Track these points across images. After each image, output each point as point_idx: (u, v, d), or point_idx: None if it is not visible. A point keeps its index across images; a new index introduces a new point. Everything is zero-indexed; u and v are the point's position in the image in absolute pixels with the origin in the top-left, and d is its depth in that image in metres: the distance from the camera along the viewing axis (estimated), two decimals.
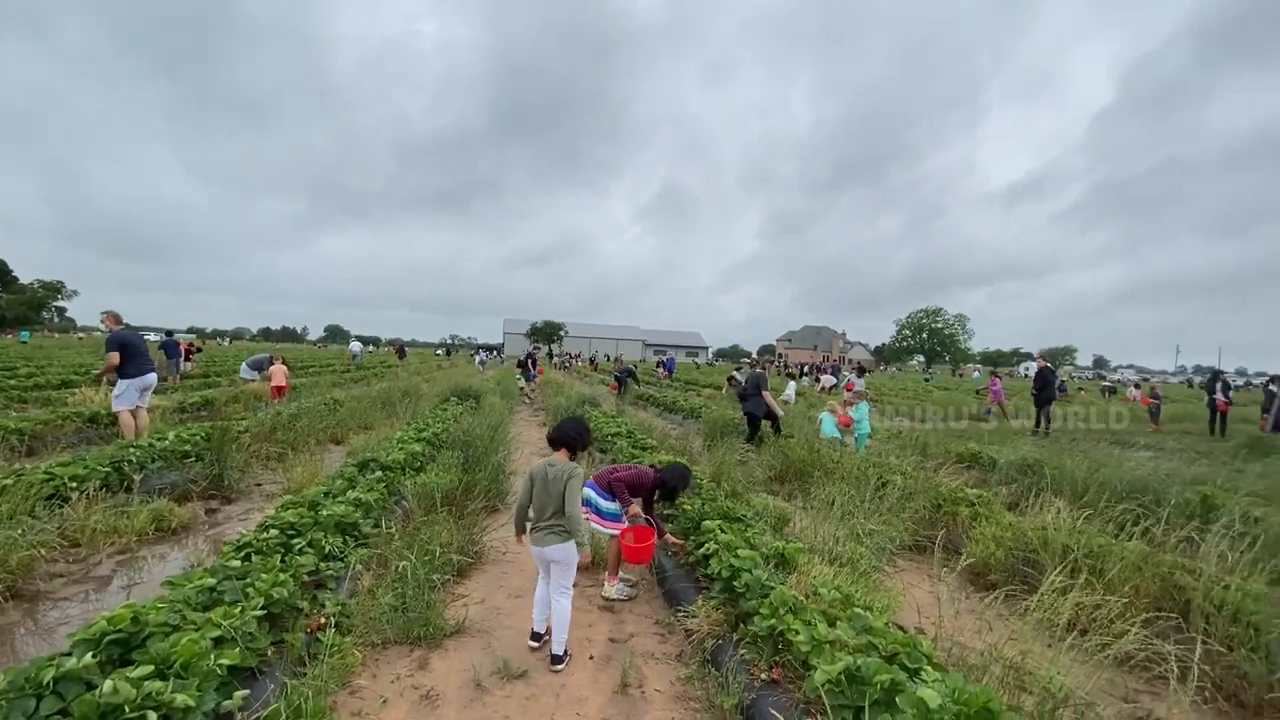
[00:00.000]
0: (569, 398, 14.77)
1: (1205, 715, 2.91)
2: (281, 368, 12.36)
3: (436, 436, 8.18)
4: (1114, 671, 2.80)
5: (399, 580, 3.79)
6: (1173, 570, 3.84)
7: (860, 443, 8.98)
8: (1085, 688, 2.53)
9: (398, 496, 5.48)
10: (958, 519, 5.39)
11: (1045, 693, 2.54)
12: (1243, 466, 9.37)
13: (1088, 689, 2.52)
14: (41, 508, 4.69)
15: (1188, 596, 3.57)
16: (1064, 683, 2.52)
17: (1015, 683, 2.71)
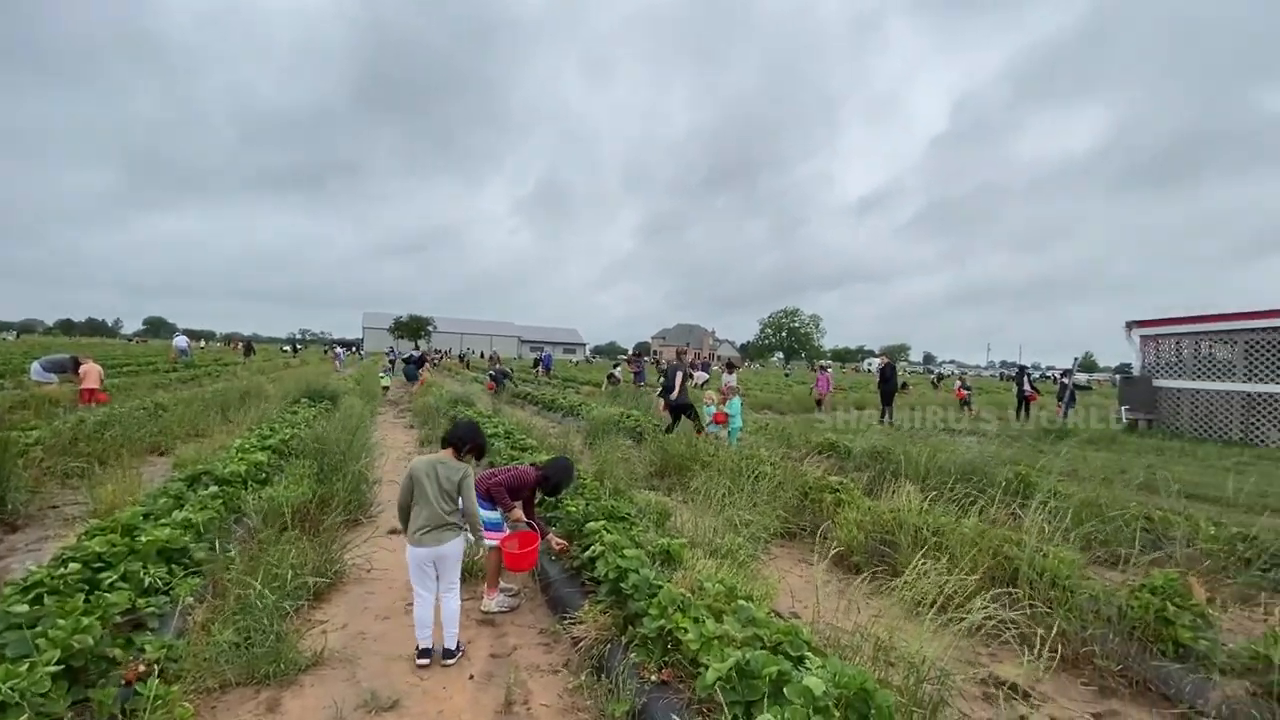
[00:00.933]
0: (439, 397, 14.00)
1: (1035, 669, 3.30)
2: (95, 368, 10.49)
3: (285, 444, 7.33)
4: (967, 641, 3.11)
5: (241, 611, 3.30)
6: (1002, 543, 4.35)
7: (734, 436, 9.35)
8: (943, 658, 2.76)
9: (238, 514, 4.81)
10: (823, 506, 5.76)
11: (910, 666, 2.74)
12: (1045, 448, 11.01)
13: (945, 659, 2.76)
14: None
15: (1016, 566, 4.05)
16: (926, 656, 2.73)
17: (884, 659, 2.90)
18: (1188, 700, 3.17)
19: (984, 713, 3.06)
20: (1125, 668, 3.40)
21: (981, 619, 2.98)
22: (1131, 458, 10.78)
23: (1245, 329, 14.13)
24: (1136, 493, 6.04)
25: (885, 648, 2.93)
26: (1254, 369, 13.95)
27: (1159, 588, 3.66)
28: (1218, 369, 14.73)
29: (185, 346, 29.55)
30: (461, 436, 3.62)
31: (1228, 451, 12.19)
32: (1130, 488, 6.13)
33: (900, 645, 2.94)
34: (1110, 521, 5.24)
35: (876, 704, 2.33)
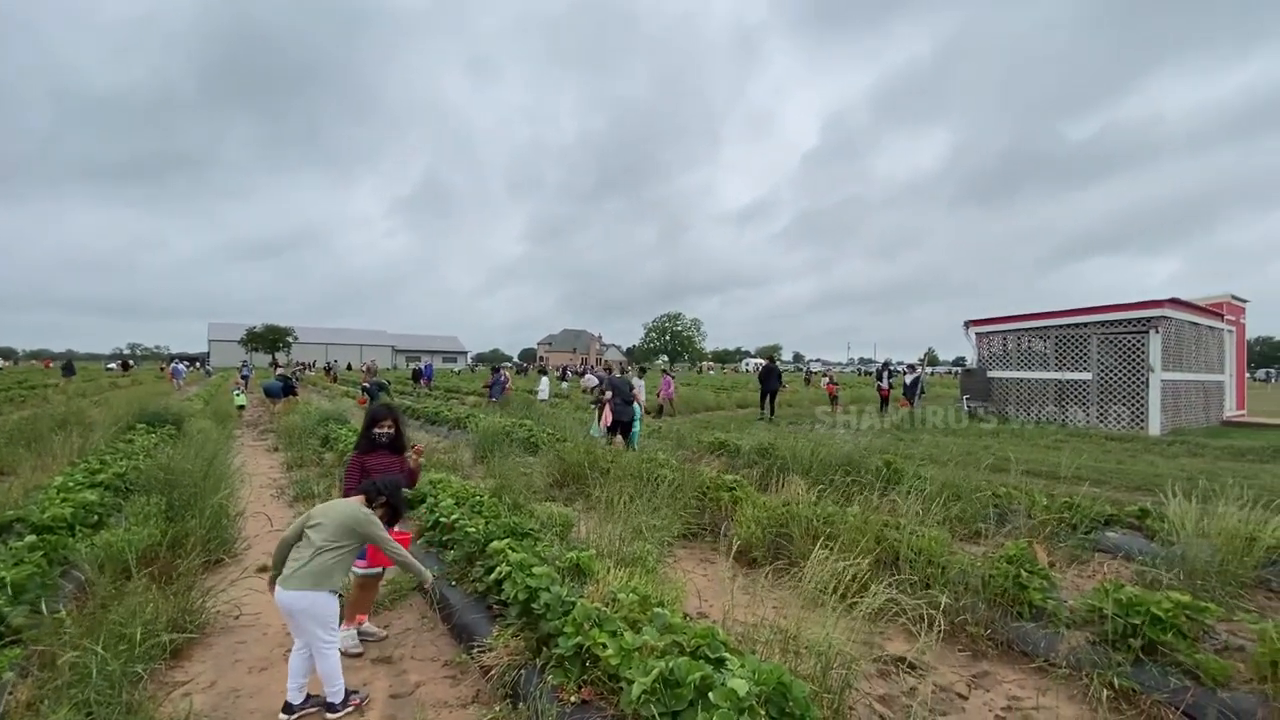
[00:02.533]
0: (306, 415, 12.83)
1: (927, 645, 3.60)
2: None
3: (121, 478, 6.35)
4: (862, 623, 3.33)
5: (79, 683, 2.79)
6: (883, 528, 4.73)
7: (634, 440, 9.41)
8: (845, 644, 2.93)
9: (66, 566, 4.08)
10: (721, 504, 5.94)
11: (817, 655, 2.88)
12: (904, 437, 12.17)
13: (847, 644, 2.93)
14: None
15: (897, 548, 4.42)
16: (831, 643, 2.89)
17: (793, 650, 3.02)
18: (1043, 655, 3.61)
19: (882, 688, 3.29)
20: (992, 631, 3.82)
21: (882, 603, 3.20)
22: (974, 440, 12.23)
23: (1055, 325, 16.56)
24: (987, 473, 6.83)
25: (793, 639, 3.06)
26: (1062, 359, 16.37)
27: (1013, 557, 4.15)
28: (1035, 360, 17.11)
29: None
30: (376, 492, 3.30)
31: (1046, 431, 14.21)
32: (981, 469, 6.92)
33: (806, 635, 3.09)
34: (967, 500, 5.87)
35: (793, 696, 2.42)
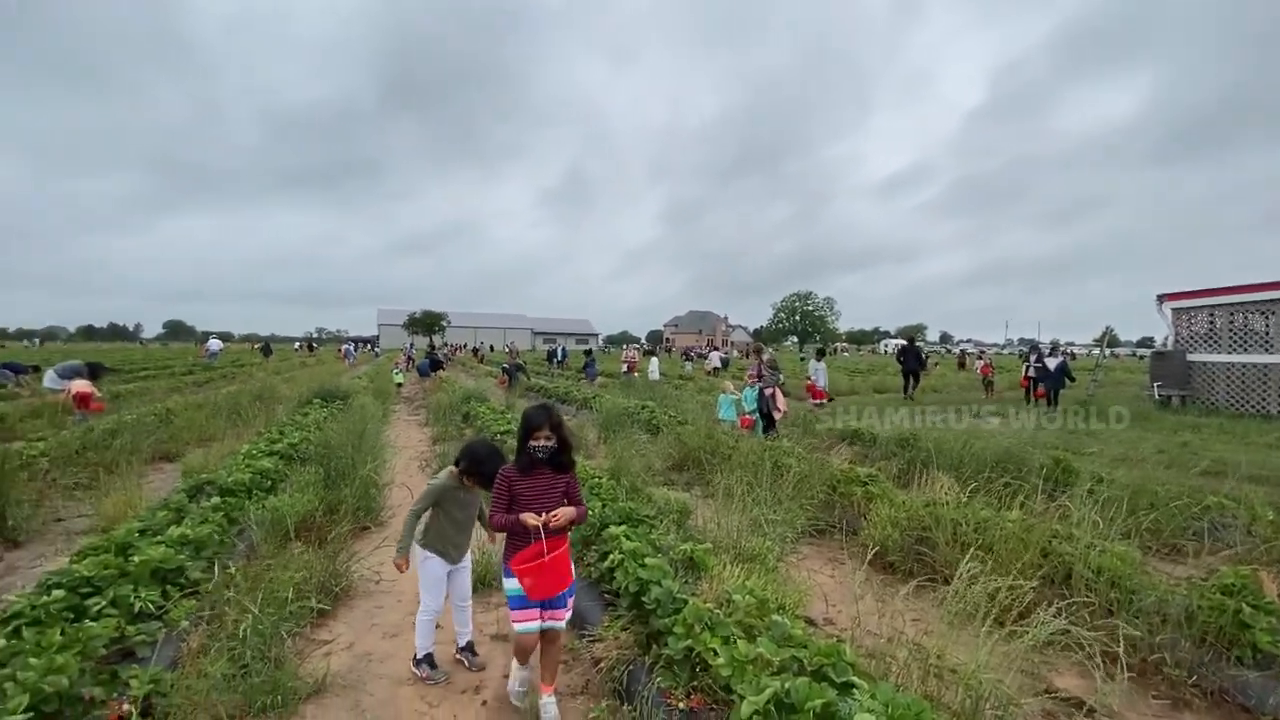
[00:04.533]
0: (452, 393, 13.83)
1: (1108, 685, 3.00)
2: (84, 383, 10.37)
3: (294, 448, 7.16)
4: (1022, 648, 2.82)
5: (238, 637, 3.09)
6: (1051, 539, 4.03)
7: (758, 426, 9.05)
8: (1005, 680, 2.47)
9: (241, 527, 4.62)
10: (852, 500, 5.46)
11: (966, 687, 2.45)
12: (1075, 430, 10.59)
13: (1007, 681, 2.47)
14: None
15: (1069, 565, 3.74)
16: (985, 678, 2.44)
17: (935, 675, 2.62)
18: (1270, 713, 2.87)
19: None
20: (1199, 677, 3.09)
21: (1050, 634, 2.67)
22: (1168, 435, 10.34)
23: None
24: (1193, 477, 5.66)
25: (936, 663, 2.65)
26: None
27: (1230, 587, 3.34)
28: (1254, 341, 14.13)
29: (216, 350, 30.18)
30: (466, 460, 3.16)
31: (1268, 427, 11.67)
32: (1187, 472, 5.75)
33: (952, 659, 2.66)
34: (1164, 510, 4.88)
35: None
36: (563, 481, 2.78)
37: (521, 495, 2.70)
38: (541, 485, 2.73)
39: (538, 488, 2.71)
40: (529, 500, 2.68)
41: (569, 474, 2.80)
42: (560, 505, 2.72)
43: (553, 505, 2.68)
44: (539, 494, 2.71)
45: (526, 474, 2.71)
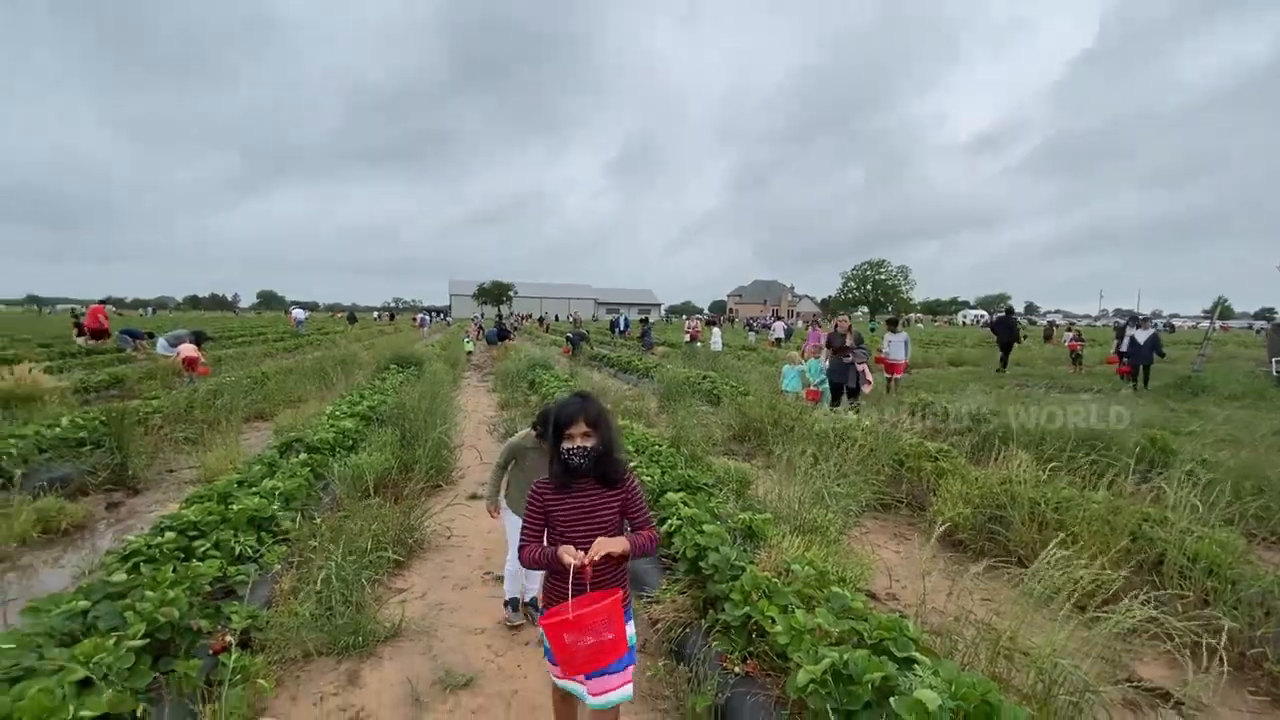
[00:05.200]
0: (518, 361, 14.21)
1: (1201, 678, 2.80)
2: (190, 348, 11.28)
3: (373, 410, 7.57)
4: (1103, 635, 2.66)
5: (323, 581, 3.34)
6: (1141, 522, 3.77)
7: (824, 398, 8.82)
8: (1082, 666, 2.34)
9: (325, 481, 4.95)
10: (921, 475, 5.26)
11: (1039, 671, 2.35)
12: (1175, 406, 9.76)
13: (1085, 667, 2.34)
14: None
15: (1160, 549, 3.49)
16: (1059, 661, 2.33)
17: (1005, 656, 2.52)
18: None
19: None
20: None
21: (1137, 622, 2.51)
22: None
23: None
24: None
25: (1007, 645, 2.54)
26: None
27: None
28: None
29: (302, 319, 32.39)
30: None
31: None
32: None
33: (1024, 642, 2.55)
34: (1275, 495, 4.45)
35: None
36: (617, 498, 2.05)
37: (560, 519, 2.01)
38: (586, 504, 2.02)
39: (581, 508, 2.02)
40: (569, 525, 2.00)
41: (624, 487, 2.06)
42: (616, 533, 2.03)
43: (604, 531, 1.99)
44: (583, 516, 2.01)
45: (566, 489, 2.02)
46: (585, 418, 1.98)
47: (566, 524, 2.01)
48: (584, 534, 1.98)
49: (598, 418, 2.00)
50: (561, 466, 2.01)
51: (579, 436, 1.98)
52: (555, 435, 2.01)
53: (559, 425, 1.99)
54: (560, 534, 2.00)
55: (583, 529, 2.00)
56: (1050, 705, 2.29)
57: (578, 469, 1.98)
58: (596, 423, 1.99)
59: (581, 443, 1.97)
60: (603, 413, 2.03)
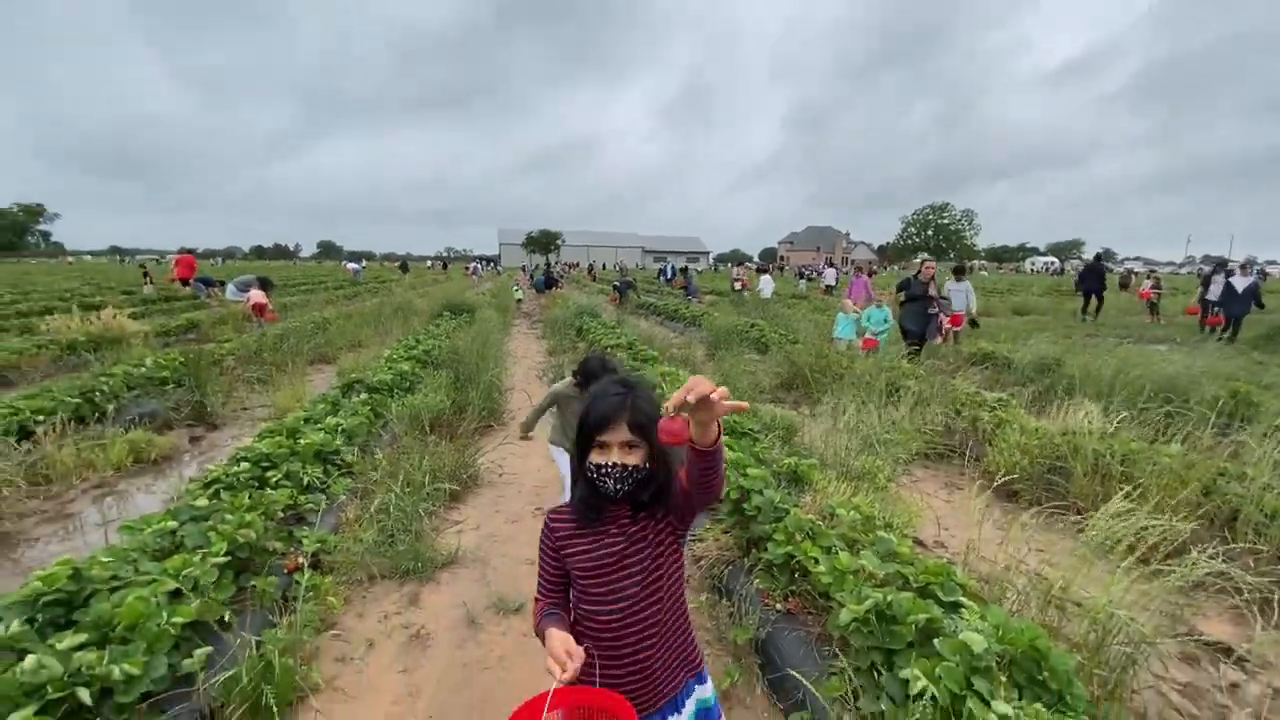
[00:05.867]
0: (566, 309, 14.33)
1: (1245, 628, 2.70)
2: (258, 293, 11.80)
3: (427, 354, 7.82)
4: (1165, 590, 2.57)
5: (385, 511, 3.55)
6: (1217, 476, 3.57)
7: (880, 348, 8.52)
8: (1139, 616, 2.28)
9: (385, 420, 5.19)
10: (977, 425, 5.10)
11: (1094, 622, 2.29)
12: (1263, 359, 9.07)
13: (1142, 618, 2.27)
14: (2, 446, 4.40)
15: (1235, 505, 3.30)
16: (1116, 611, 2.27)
17: (1058, 607, 2.47)
18: None
19: (1183, 676, 2.56)
20: None
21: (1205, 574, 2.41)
22: None
23: None
24: None
25: (1059, 594, 2.49)
26: None
27: None
28: None
29: (359, 269, 33.74)
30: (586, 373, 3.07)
31: None
32: None
33: (1078, 592, 2.49)
34: None
35: (1051, 665, 1.96)
36: (660, 534, 1.35)
37: (580, 567, 1.36)
38: (617, 548, 1.33)
39: (611, 552, 1.33)
40: (590, 578, 1.34)
41: (667, 519, 1.35)
42: (656, 589, 1.34)
43: (645, 585, 1.33)
44: (613, 564, 1.33)
45: (590, 524, 1.35)
46: (630, 419, 1.27)
47: (587, 576, 1.34)
48: (610, 591, 1.33)
49: (643, 415, 1.27)
50: (587, 490, 1.33)
51: (617, 449, 1.27)
52: (581, 441, 1.32)
53: (587, 428, 1.30)
54: (583, 590, 1.36)
55: (609, 582, 1.33)
56: (1101, 655, 2.24)
57: (610, 496, 1.30)
58: (646, 426, 1.27)
59: (621, 459, 1.27)
60: (655, 413, 1.28)
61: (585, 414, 1.32)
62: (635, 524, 1.35)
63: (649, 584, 1.34)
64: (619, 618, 1.34)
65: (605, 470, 1.28)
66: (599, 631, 1.35)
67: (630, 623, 1.34)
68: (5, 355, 7.54)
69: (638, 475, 1.29)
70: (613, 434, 1.27)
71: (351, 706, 2.35)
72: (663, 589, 1.36)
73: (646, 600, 1.34)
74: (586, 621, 1.37)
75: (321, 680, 2.41)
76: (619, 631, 1.34)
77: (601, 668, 1.33)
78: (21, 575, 3.23)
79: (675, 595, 1.41)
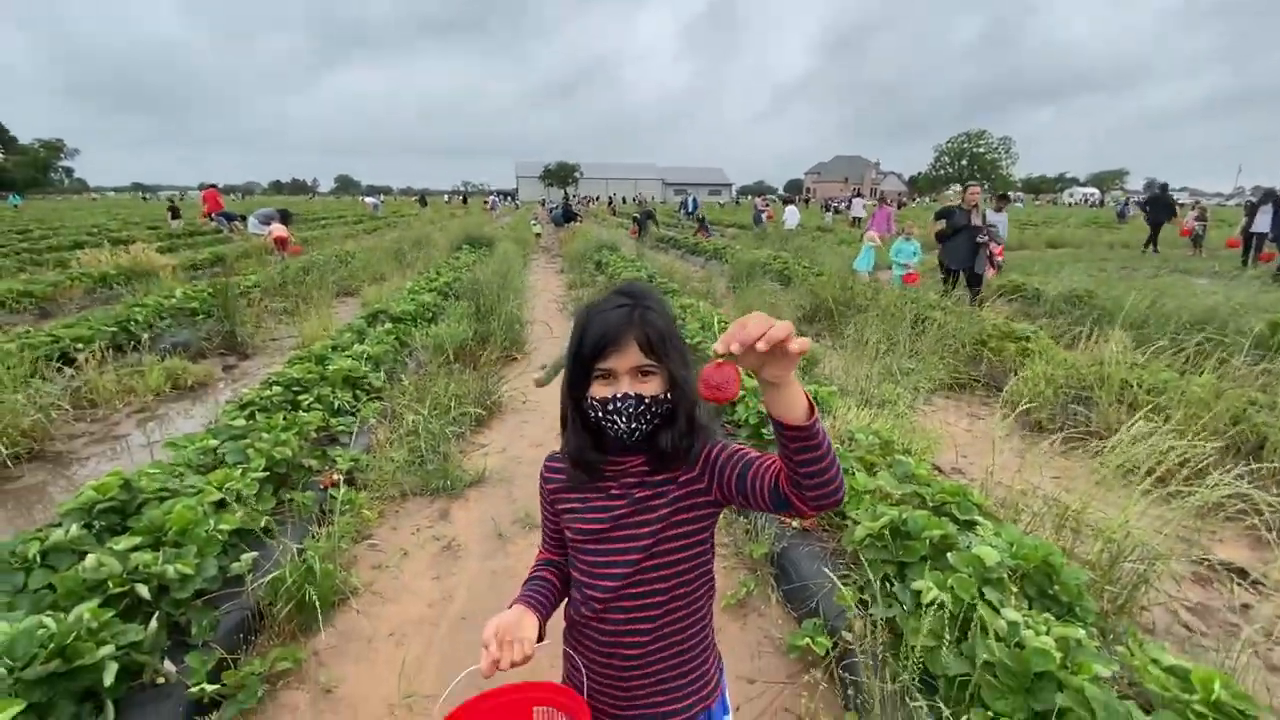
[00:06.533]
0: (586, 243, 14.17)
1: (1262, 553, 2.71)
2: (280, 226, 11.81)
3: (448, 286, 7.86)
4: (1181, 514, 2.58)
5: (414, 433, 3.66)
6: (1247, 405, 3.50)
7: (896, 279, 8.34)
8: (1154, 539, 2.30)
9: (409, 349, 5.28)
10: (1003, 356, 5.03)
11: (1107, 542, 2.32)
12: None
13: (1156, 540, 2.29)
14: (48, 371, 4.59)
15: (1262, 434, 3.26)
16: (1130, 531, 2.29)
17: (1071, 529, 2.50)
18: None
19: (1195, 596, 2.60)
20: None
21: (1224, 496, 2.40)
22: None
23: None
24: None
25: (1073, 516, 2.51)
26: None
27: None
28: None
29: (377, 203, 33.92)
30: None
31: None
32: None
33: (1094, 517, 2.51)
34: None
35: (1062, 580, 2.01)
36: (683, 505, 1.01)
37: (571, 528, 1.07)
38: (620, 508, 1.02)
39: (610, 514, 1.02)
40: (588, 544, 1.04)
41: (697, 487, 1.01)
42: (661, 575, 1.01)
43: (640, 560, 1.00)
44: (611, 528, 1.02)
45: (590, 479, 1.05)
46: (640, 337, 0.96)
47: (584, 540, 1.04)
48: (608, 561, 1.01)
49: (663, 337, 0.97)
50: (584, 439, 1.02)
51: (626, 376, 0.97)
52: (576, 373, 1.00)
53: (583, 355, 0.98)
54: (578, 555, 1.06)
55: (608, 551, 1.01)
56: (1113, 573, 2.28)
57: (623, 439, 0.99)
58: (661, 347, 0.97)
59: (633, 388, 0.96)
60: (671, 328, 0.99)
61: (579, 337, 0.98)
62: (646, 485, 1.00)
63: (658, 565, 1.00)
64: (600, 605, 1.02)
65: (614, 406, 0.95)
66: (583, 621, 1.06)
67: (615, 616, 1.01)
68: (42, 288, 7.75)
69: (656, 409, 0.97)
70: (619, 358, 0.95)
71: (389, 607, 2.51)
72: (672, 577, 1.00)
73: (640, 586, 1.00)
74: (572, 602, 1.10)
75: (360, 584, 2.57)
76: (598, 625, 1.03)
77: (586, 666, 1.06)
78: (75, 490, 3.44)
79: (693, 592, 1.03)
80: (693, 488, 1.01)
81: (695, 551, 1.03)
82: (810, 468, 0.81)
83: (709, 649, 1.10)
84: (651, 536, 1.00)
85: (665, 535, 1.00)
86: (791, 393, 0.78)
